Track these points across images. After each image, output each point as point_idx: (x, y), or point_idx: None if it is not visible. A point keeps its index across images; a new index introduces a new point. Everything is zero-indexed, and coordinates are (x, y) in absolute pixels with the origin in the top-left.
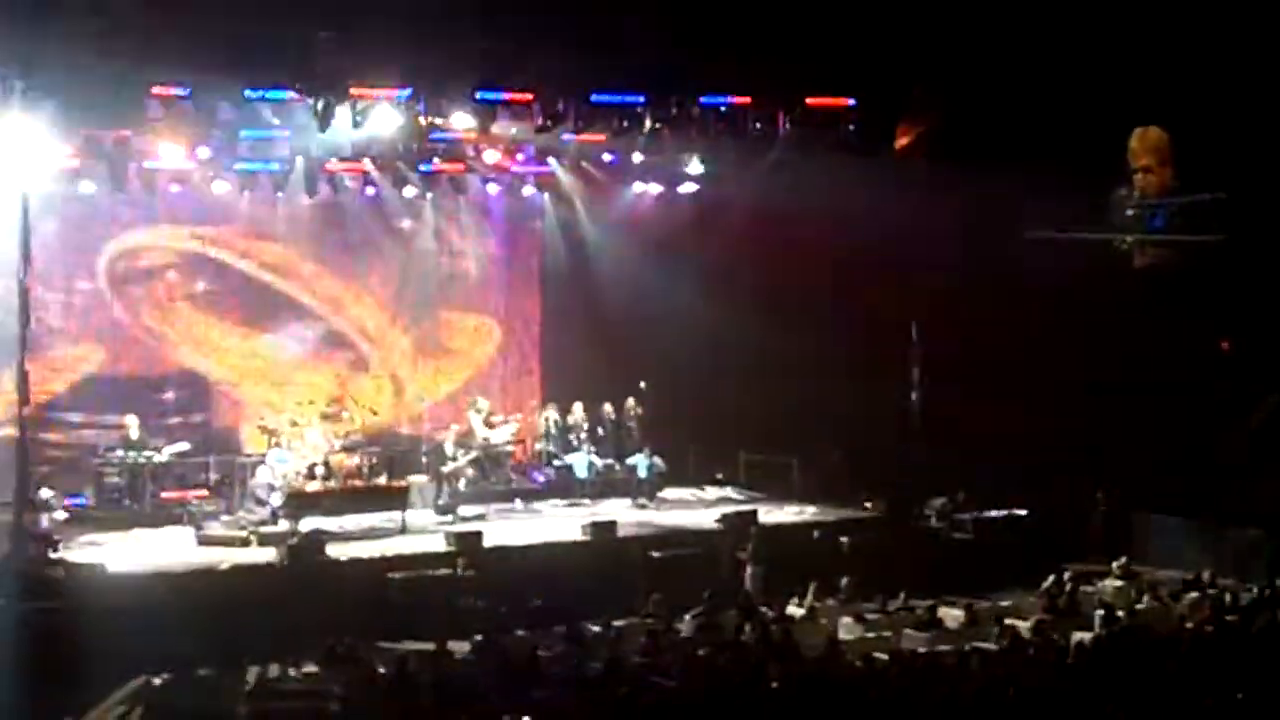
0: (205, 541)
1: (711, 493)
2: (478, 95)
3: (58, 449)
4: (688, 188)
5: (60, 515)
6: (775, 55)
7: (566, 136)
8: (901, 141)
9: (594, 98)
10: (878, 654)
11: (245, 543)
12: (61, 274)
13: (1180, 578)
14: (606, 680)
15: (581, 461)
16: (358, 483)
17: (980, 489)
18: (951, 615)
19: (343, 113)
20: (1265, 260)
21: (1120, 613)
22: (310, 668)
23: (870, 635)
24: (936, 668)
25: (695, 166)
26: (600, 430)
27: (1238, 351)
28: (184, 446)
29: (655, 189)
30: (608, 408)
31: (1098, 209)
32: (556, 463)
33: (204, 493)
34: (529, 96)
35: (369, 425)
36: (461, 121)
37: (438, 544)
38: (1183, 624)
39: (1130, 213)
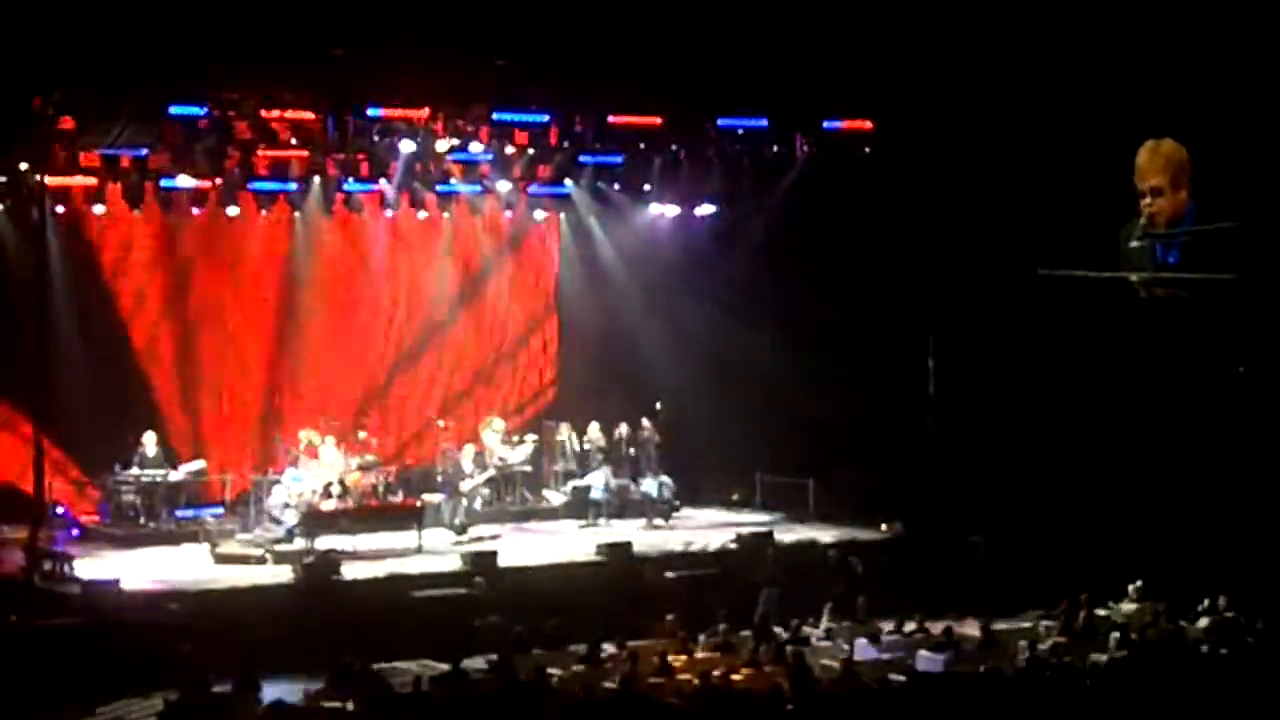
0: (221, 559)
1: (727, 514)
2: (495, 116)
3: (76, 466)
4: (704, 209)
5: (75, 532)
6: (793, 78)
7: (583, 158)
8: None
9: (611, 119)
10: (893, 675)
11: (261, 561)
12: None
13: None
14: (621, 701)
15: (598, 482)
16: (373, 502)
17: (995, 511)
18: (967, 637)
19: (360, 132)
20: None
21: (1136, 635)
22: (325, 687)
23: (886, 656)
24: (952, 689)
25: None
26: (616, 451)
27: (1253, 377)
28: (199, 465)
29: (672, 210)
30: (624, 428)
31: (1112, 243)
32: (573, 483)
33: (219, 511)
34: (546, 118)
35: (384, 445)
36: (478, 142)
37: (453, 563)
38: (1199, 647)
39: (1135, 244)
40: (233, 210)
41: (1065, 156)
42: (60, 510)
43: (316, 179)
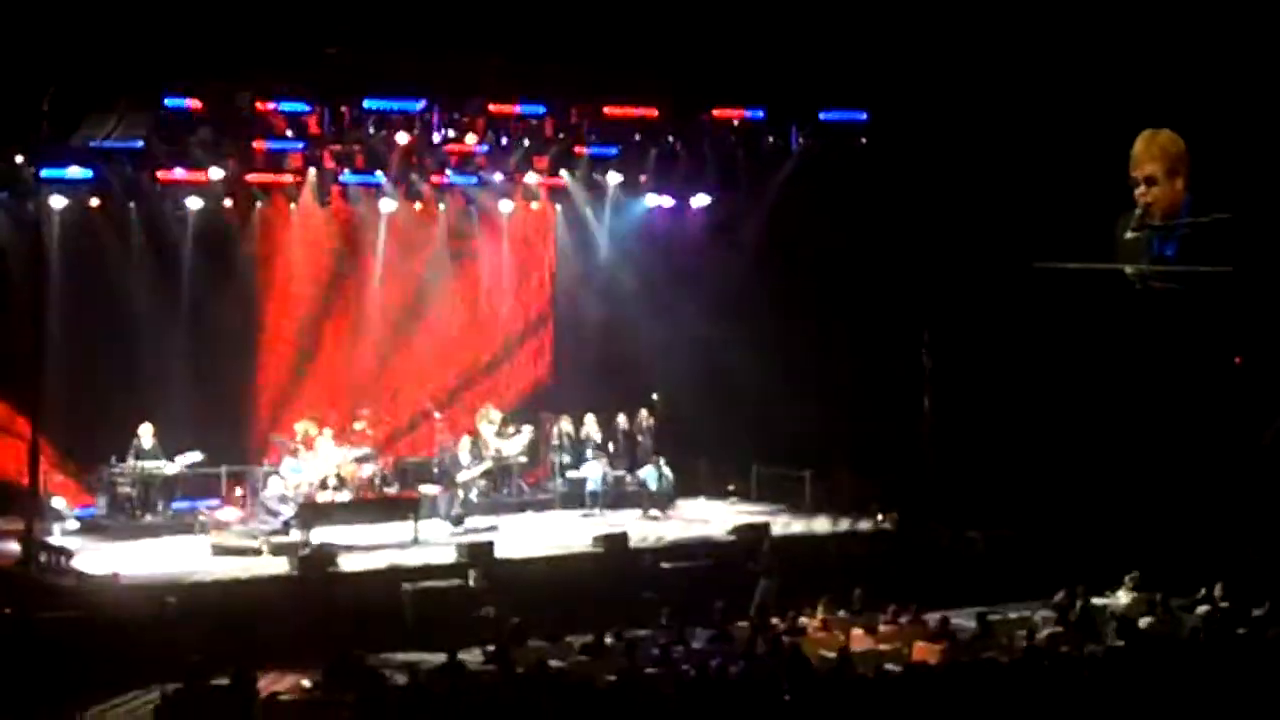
0: (218, 552)
1: (724, 505)
2: (490, 108)
3: (72, 459)
4: (700, 201)
5: (72, 525)
6: (789, 69)
7: (579, 149)
8: None
9: (606, 110)
10: (890, 666)
11: (257, 553)
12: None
13: None
14: (618, 692)
15: (594, 473)
16: (369, 494)
17: (992, 501)
18: (964, 627)
19: (356, 124)
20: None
21: (1132, 626)
22: (322, 679)
23: (882, 647)
24: (949, 680)
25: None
26: (612, 442)
27: (1250, 368)
28: (197, 457)
29: (668, 202)
30: (620, 419)
31: (1108, 235)
32: (569, 474)
33: (216, 503)
34: (542, 109)
35: (381, 436)
36: (474, 133)
37: (450, 555)
38: (1195, 637)
39: (1130, 236)
40: (228, 202)
41: (1062, 148)
42: (57, 502)
43: (312, 171)
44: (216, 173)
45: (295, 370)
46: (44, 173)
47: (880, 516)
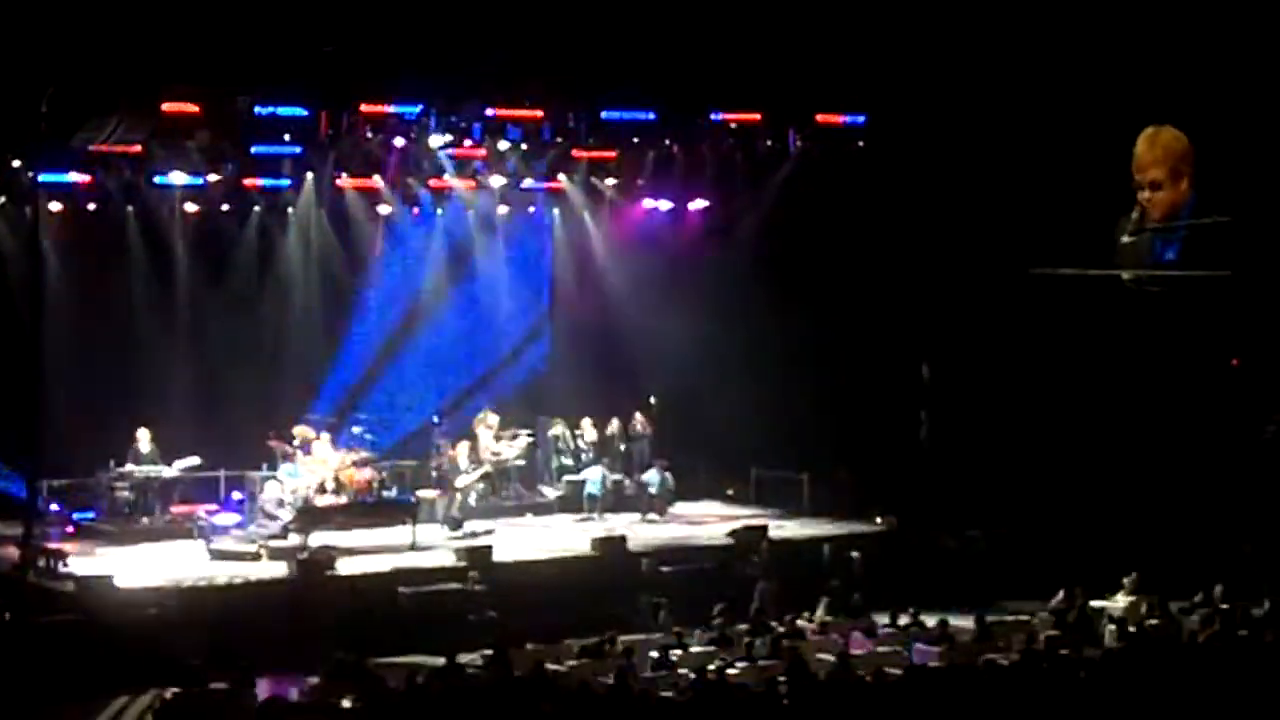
0: (215, 556)
1: (722, 508)
2: (488, 111)
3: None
4: (697, 204)
5: (70, 529)
6: (787, 72)
7: (577, 153)
8: None
9: (604, 114)
10: (889, 668)
11: (255, 557)
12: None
13: None
14: (616, 696)
15: (594, 476)
16: (368, 498)
17: (990, 504)
18: (963, 630)
19: (353, 128)
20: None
21: (1131, 628)
22: (320, 682)
23: (882, 649)
24: (948, 682)
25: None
26: (609, 445)
27: (1247, 368)
28: (194, 461)
29: (665, 205)
30: (616, 423)
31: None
32: (567, 478)
33: (214, 507)
34: (539, 113)
35: (379, 441)
36: (472, 138)
37: (448, 558)
38: (1194, 639)
39: (1127, 240)
40: (226, 206)
41: (1060, 151)
42: (55, 507)
43: (310, 175)
44: (214, 177)
45: (294, 375)
46: (42, 177)
47: (879, 519)
